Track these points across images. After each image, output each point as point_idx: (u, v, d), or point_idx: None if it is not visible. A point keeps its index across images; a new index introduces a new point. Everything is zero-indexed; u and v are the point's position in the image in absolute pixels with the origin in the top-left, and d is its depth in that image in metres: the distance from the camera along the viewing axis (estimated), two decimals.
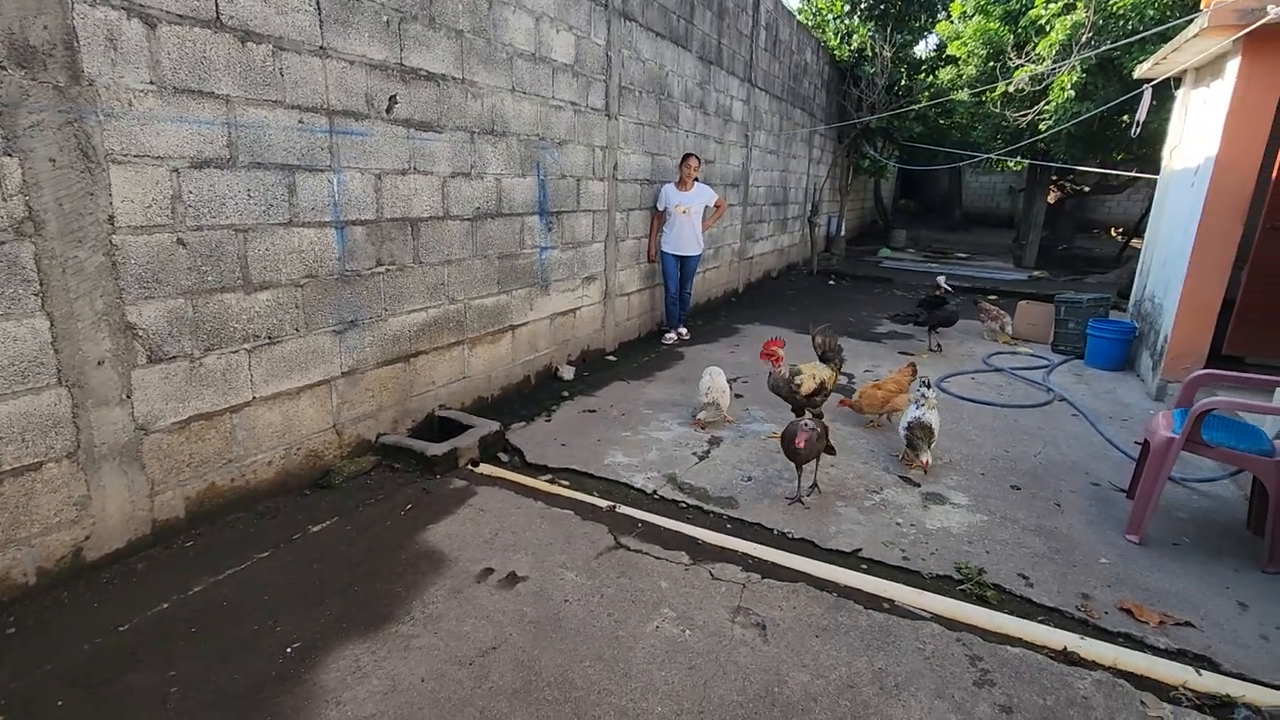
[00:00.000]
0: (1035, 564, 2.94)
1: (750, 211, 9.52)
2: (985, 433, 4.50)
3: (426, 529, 3.04)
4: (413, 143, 3.70)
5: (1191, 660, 2.37)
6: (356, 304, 3.53)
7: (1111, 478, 3.84)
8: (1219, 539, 3.21)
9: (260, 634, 2.32)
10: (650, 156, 6.36)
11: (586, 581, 2.69)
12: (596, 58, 5.29)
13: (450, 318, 4.18)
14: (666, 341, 6.65)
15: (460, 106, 3.99)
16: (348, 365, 3.53)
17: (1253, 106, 4.78)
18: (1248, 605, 2.68)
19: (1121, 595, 2.72)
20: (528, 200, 4.72)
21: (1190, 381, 3.42)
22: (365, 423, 3.69)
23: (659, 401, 4.87)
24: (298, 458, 3.34)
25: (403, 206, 3.71)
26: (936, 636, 2.43)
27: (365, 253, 3.53)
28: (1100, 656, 2.36)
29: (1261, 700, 2.16)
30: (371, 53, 3.40)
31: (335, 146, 3.28)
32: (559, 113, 4.91)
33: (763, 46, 9.09)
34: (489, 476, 3.61)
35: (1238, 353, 5.28)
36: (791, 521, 3.24)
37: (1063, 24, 9.96)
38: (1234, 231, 5.00)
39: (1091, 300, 6.77)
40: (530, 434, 4.21)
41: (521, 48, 4.44)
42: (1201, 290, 5.13)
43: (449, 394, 4.25)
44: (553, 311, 5.20)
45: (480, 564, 2.79)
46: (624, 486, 3.57)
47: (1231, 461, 3.01)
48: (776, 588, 2.70)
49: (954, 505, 3.46)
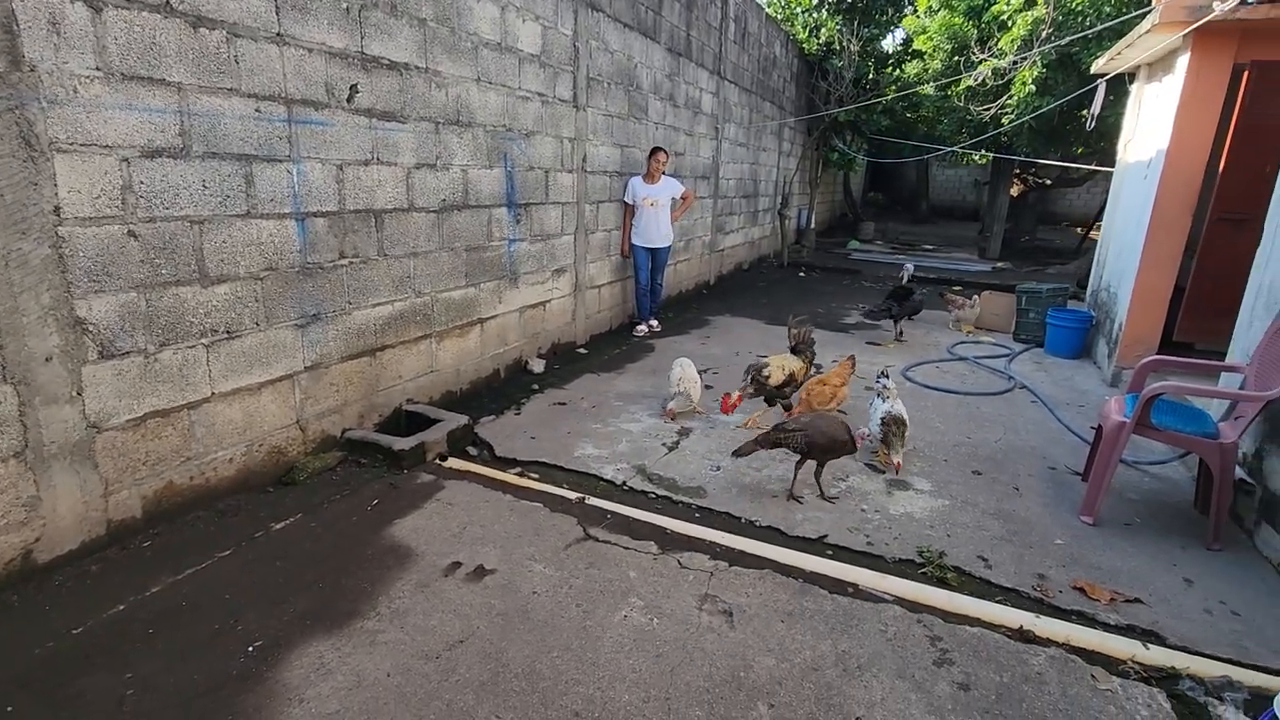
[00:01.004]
0: (994, 546, 3.02)
1: (721, 204, 9.56)
2: (948, 420, 4.59)
3: (393, 524, 3.02)
4: (375, 133, 3.64)
5: (1140, 635, 2.46)
6: (319, 297, 3.47)
7: (1068, 462, 3.96)
8: (1168, 519, 3.33)
9: (221, 633, 2.28)
10: (620, 149, 6.35)
11: (555, 573, 2.70)
12: (564, 48, 5.25)
13: (417, 311, 4.13)
14: (638, 334, 6.66)
15: (424, 96, 3.93)
16: (311, 359, 3.47)
17: (1201, 100, 4.93)
18: (1193, 581, 2.79)
19: (1075, 574, 2.81)
20: (495, 192, 4.68)
21: (1141, 367, 3.54)
22: (330, 418, 3.63)
23: (629, 393, 4.88)
24: (260, 454, 3.28)
25: (366, 198, 3.65)
26: (898, 619, 2.49)
27: (327, 245, 3.47)
28: (1054, 634, 2.44)
29: (1204, 672, 2.25)
30: (331, 40, 3.33)
31: (294, 136, 3.22)
32: (526, 104, 4.87)
33: (732, 39, 9.11)
34: (457, 470, 3.59)
35: (1188, 339, 5.46)
36: (759, 510, 3.27)
37: (1024, 20, 10.16)
38: (1184, 222, 5.17)
39: (1050, 290, 6.95)
40: (500, 427, 4.19)
41: (487, 37, 4.38)
42: (1153, 279, 5.30)
43: (417, 388, 4.20)
44: (522, 304, 5.17)
45: (448, 558, 2.77)
46: (594, 478, 3.57)
47: (1178, 444, 3.12)
48: (744, 575, 2.73)
49: (918, 491, 3.53)
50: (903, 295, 6.91)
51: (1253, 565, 2.93)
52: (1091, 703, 2.11)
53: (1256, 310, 3.44)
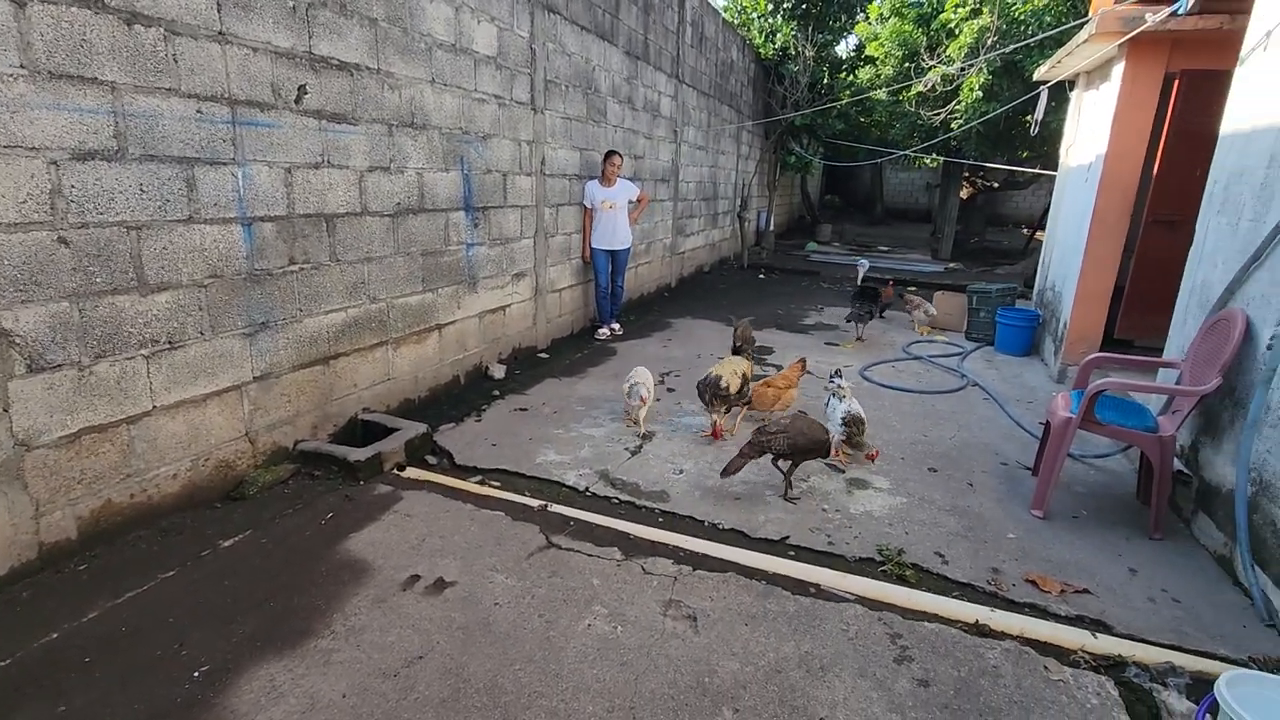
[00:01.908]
0: (950, 542, 3.09)
1: (681, 207, 9.60)
2: (905, 418, 4.69)
3: (349, 538, 2.93)
4: (325, 135, 3.54)
5: (1089, 625, 2.54)
6: (268, 305, 3.35)
7: (1018, 457, 4.08)
8: (1113, 510, 3.46)
9: (165, 659, 2.18)
10: (579, 151, 6.32)
11: (517, 583, 2.66)
12: (520, 50, 5.20)
13: (372, 317, 4.03)
14: (599, 337, 6.63)
15: (376, 98, 3.84)
16: (260, 369, 3.35)
17: (1136, 107, 5.15)
18: (1137, 570, 2.90)
19: (1028, 568, 2.89)
20: (452, 196, 4.60)
21: (1085, 364, 3.67)
22: (282, 429, 3.51)
23: (591, 398, 4.85)
24: (206, 469, 3.15)
25: (316, 202, 3.54)
26: (860, 617, 2.52)
27: (276, 250, 3.36)
28: (1009, 627, 2.50)
29: (1149, 659, 2.34)
30: (277, 40, 3.22)
31: (239, 138, 3.10)
32: (483, 106, 4.80)
33: (689, 43, 9.16)
34: (416, 480, 3.51)
35: (1127, 337, 5.69)
36: (722, 513, 3.28)
37: (970, 28, 10.48)
38: (1122, 224, 5.39)
39: (999, 290, 7.17)
40: (460, 435, 4.11)
41: (441, 38, 4.31)
42: (1095, 279, 5.52)
43: (373, 396, 4.10)
44: (481, 309, 5.10)
45: (406, 571, 2.70)
46: (556, 485, 3.54)
47: (1121, 438, 3.24)
48: (707, 579, 2.73)
49: (876, 489, 3.59)
50: (871, 295, 7.00)
51: (1191, 554, 3.06)
52: (1045, 693, 2.17)
53: (1190, 308, 3.60)
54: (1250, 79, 3.32)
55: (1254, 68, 3.28)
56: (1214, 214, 3.47)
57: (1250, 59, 3.32)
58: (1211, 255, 3.43)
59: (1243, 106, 3.36)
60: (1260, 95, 3.19)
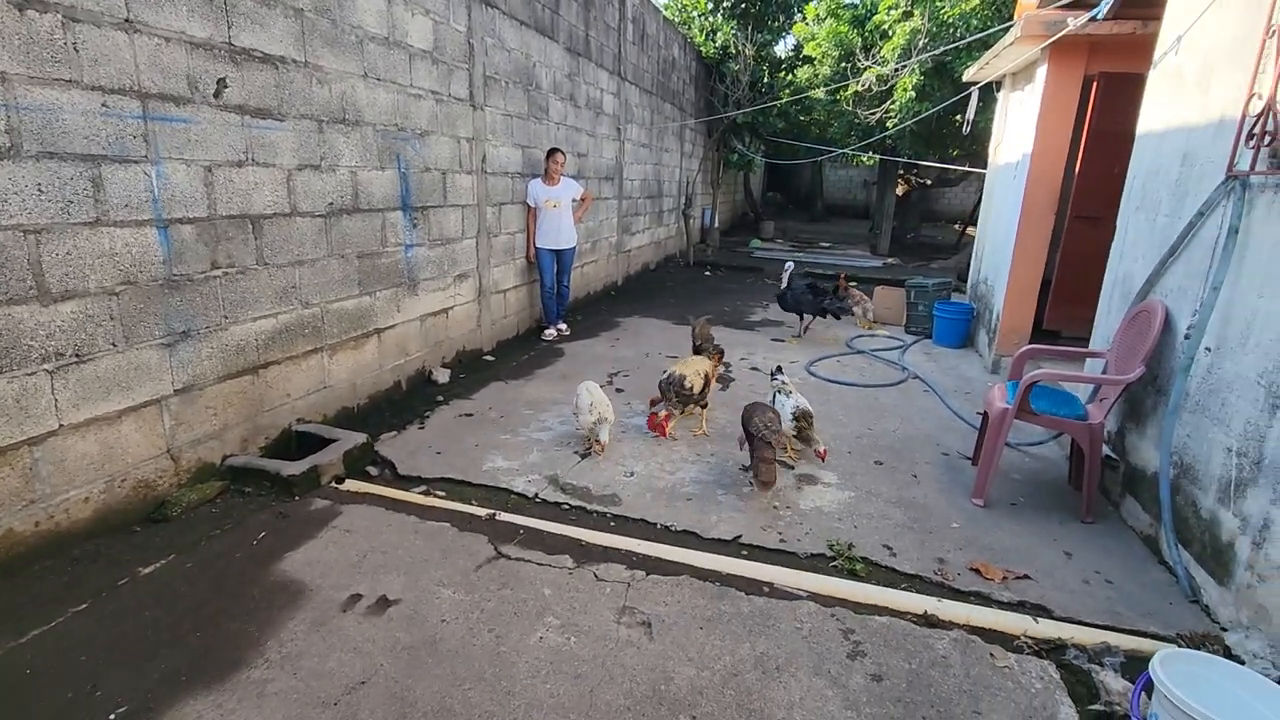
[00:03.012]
0: (898, 534, 3.14)
1: (626, 205, 9.56)
2: (850, 412, 4.77)
3: (284, 558, 2.77)
4: (249, 131, 3.34)
5: (1030, 610, 2.62)
6: (189, 312, 3.14)
7: (959, 447, 4.20)
8: (1048, 496, 3.59)
9: (75, 703, 2.00)
10: (521, 149, 6.19)
11: (465, 597, 2.56)
12: (458, 45, 5.05)
13: (305, 323, 3.84)
14: (546, 338, 6.53)
15: (304, 93, 3.65)
16: (182, 381, 3.14)
17: (1058, 108, 5.38)
18: (1072, 554, 3.02)
19: (971, 556, 2.97)
20: (389, 195, 4.43)
21: (1019, 356, 3.80)
22: (208, 444, 3.30)
23: (539, 401, 4.76)
24: (123, 490, 2.93)
25: (241, 202, 3.34)
26: (813, 615, 2.54)
27: (197, 254, 3.15)
28: (955, 616, 2.56)
29: (1086, 640, 2.43)
30: (192, 29, 3.02)
31: (152, 134, 2.89)
32: (419, 102, 4.64)
33: (631, 40, 9.12)
34: (356, 493, 3.36)
35: (1055, 328, 5.96)
36: (674, 514, 3.26)
37: (902, 30, 10.79)
38: (1048, 220, 5.63)
39: (936, 285, 7.40)
40: (402, 443, 3.96)
41: (373, 31, 4.13)
42: (1024, 273, 5.74)
43: (308, 406, 3.91)
44: (423, 312, 4.93)
45: (346, 590, 2.57)
46: (504, 492, 3.44)
47: (1054, 427, 3.37)
48: (661, 583, 2.70)
49: (825, 485, 3.63)
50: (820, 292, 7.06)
51: (1120, 535, 3.21)
52: (992, 680, 2.22)
53: (1114, 300, 3.77)
54: (1162, 82, 3.50)
55: (1166, 71, 3.46)
56: (1133, 210, 3.65)
57: (1162, 62, 3.50)
58: (1132, 249, 3.60)
59: (1156, 108, 3.54)
60: (1172, 98, 3.36)
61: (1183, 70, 3.28)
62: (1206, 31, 3.08)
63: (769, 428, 3.38)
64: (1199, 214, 2.93)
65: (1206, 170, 2.96)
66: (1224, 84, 2.88)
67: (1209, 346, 2.77)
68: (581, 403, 3.85)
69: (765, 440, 3.34)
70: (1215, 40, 3.00)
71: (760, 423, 3.40)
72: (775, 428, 3.41)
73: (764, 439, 3.34)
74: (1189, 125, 3.16)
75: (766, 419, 3.43)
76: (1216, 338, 2.73)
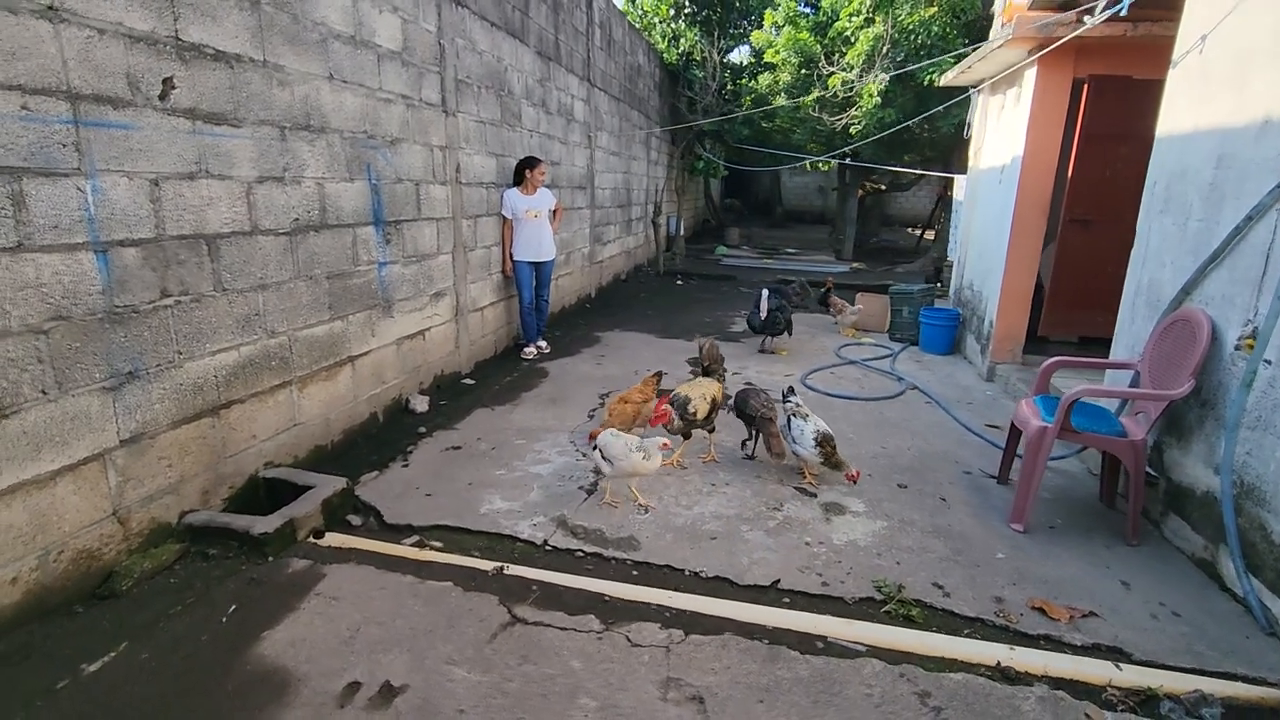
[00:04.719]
0: (944, 570, 2.90)
1: (598, 214, 9.24)
2: (859, 429, 4.55)
3: (261, 638, 2.35)
4: (201, 138, 2.91)
5: (1106, 653, 2.40)
6: (136, 349, 2.69)
7: (980, 464, 4.01)
8: (1082, 516, 3.42)
9: None
10: (495, 157, 5.82)
11: (482, 678, 2.20)
12: (428, 46, 4.66)
13: (271, 354, 3.40)
14: (526, 356, 6.15)
15: (264, 95, 3.24)
16: (129, 430, 2.68)
17: (1049, 111, 5.31)
18: (1129, 584, 2.83)
19: (1027, 592, 2.74)
20: (359, 209, 4.01)
21: (1045, 369, 3.63)
22: (162, 501, 2.85)
23: (531, 428, 4.39)
24: (60, 564, 2.46)
25: (194, 220, 2.91)
26: (880, 675, 2.26)
27: (144, 281, 2.71)
28: (1031, 666, 2.31)
29: (1177, 688, 2.21)
30: (132, 21, 2.59)
31: (85, 142, 2.45)
32: (389, 106, 4.24)
33: (598, 45, 8.83)
34: (340, 549, 2.94)
35: (1048, 334, 5.88)
36: (701, 558, 2.95)
37: (865, 36, 10.79)
38: (1041, 225, 5.55)
39: (921, 290, 7.31)
40: (386, 485, 3.55)
41: (337, 28, 3.73)
42: (1019, 279, 5.65)
43: (277, 448, 3.46)
44: (399, 335, 4.51)
45: (341, 678, 2.18)
46: (509, 539, 3.08)
47: (1096, 444, 3.19)
48: (704, 645, 2.39)
49: (854, 514, 3.38)
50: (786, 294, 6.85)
51: (1170, 558, 3.04)
52: None
53: (1138, 308, 3.63)
54: (1185, 82, 3.37)
55: (1189, 71, 3.34)
56: (1157, 214, 3.52)
57: (1184, 61, 3.38)
58: (1158, 255, 3.47)
59: (1179, 109, 3.41)
60: (1199, 98, 3.24)
61: (1209, 69, 3.16)
62: (1239, 28, 2.95)
63: (767, 406, 3.80)
64: (1247, 218, 2.78)
65: (1249, 172, 2.82)
66: (1267, 82, 2.75)
67: (1269, 359, 2.61)
68: (616, 450, 3.25)
69: (767, 418, 3.76)
70: (1252, 37, 2.87)
71: (757, 404, 3.81)
72: (771, 405, 3.82)
73: (765, 417, 3.76)
74: (1223, 126, 3.03)
75: (762, 400, 3.84)
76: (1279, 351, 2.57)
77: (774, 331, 6.62)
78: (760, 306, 6.45)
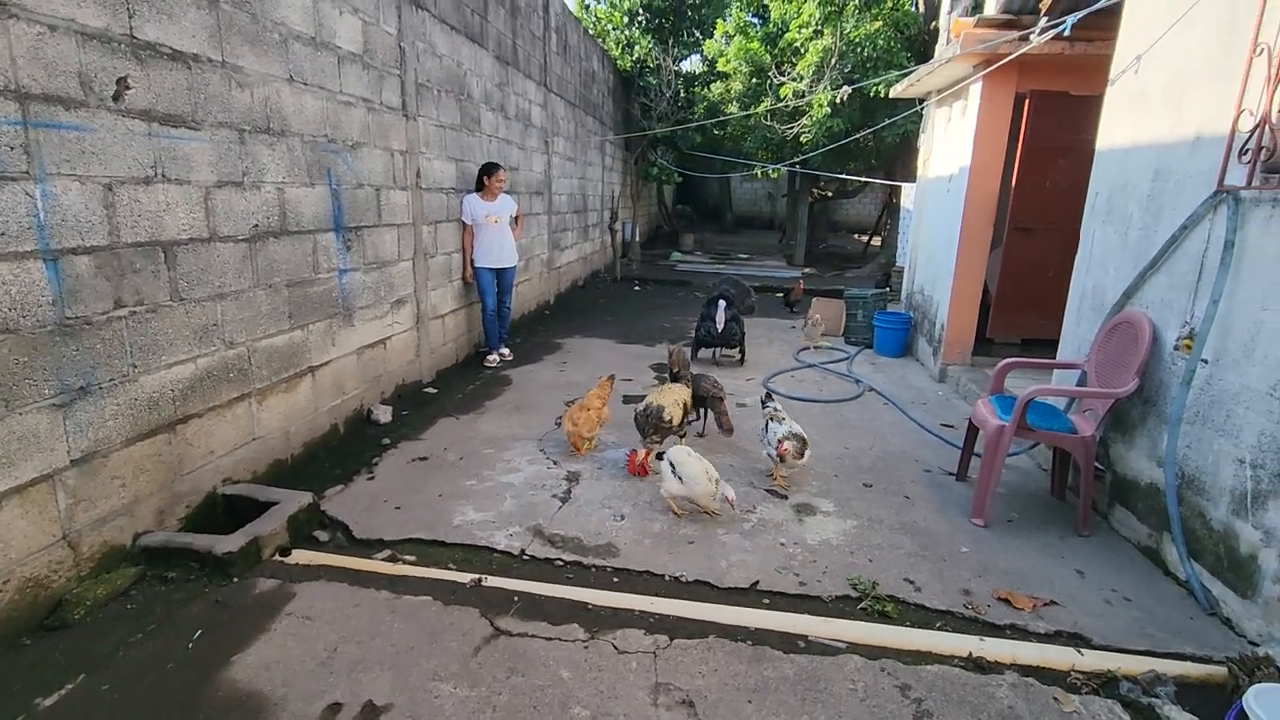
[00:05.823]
0: (913, 565, 3.00)
1: (555, 220, 9.21)
2: (822, 431, 4.66)
3: (231, 663, 2.26)
4: (157, 141, 2.79)
5: (1068, 640, 2.53)
6: (88, 362, 2.55)
7: (939, 463, 4.16)
8: (1036, 509, 3.59)
9: None
10: (455, 163, 5.74)
11: (470, 693, 2.17)
12: (389, 48, 4.57)
13: (230, 365, 3.27)
14: (489, 364, 6.08)
15: (223, 97, 3.12)
16: (81, 449, 2.54)
17: (994, 124, 5.57)
18: (1084, 573, 2.98)
19: (992, 584, 2.86)
20: (320, 214, 3.90)
21: (999, 369, 3.79)
22: (115, 523, 2.70)
23: (498, 437, 4.34)
24: (6, 594, 2.31)
25: (150, 226, 2.78)
26: (862, 671, 2.32)
27: (97, 291, 2.57)
28: (1001, 655, 2.42)
29: (1134, 669, 2.35)
30: (85, 17, 2.46)
31: (35, 144, 2.32)
32: (350, 110, 4.14)
33: (555, 51, 8.82)
34: (309, 567, 2.85)
35: (994, 336, 6.15)
36: (680, 562, 2.97)
37: (814, 48, 11.08)
38: (988, 233, 5.81)
39: (874, 295, 7.55)
40: (352, 499, 3.45)
41: (298, 29, 3.63)
42: (967, 284, 5.90)
43: (235, 463, 3.33)
44: (360, 344, 4.40)
45: (320, 700, 2.11)
46: (485, 551, 3.04)
47: (1051, 441, 3.36)
48: (689, 649, 2.41)
49: (824, 514, 3.46)
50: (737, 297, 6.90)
51: (1118, 547, 3.22)
52: None
53: (1083, 311, 3.84)
54: (1123, 99, 3.60)
55: (1126, 89, 3.56)
56: (1099, 224, 3.73)
57: (1121, 80, 3.60)
58: (1101, 262, 3.68)
59: (1118, 125, 3.64)
60: (1136, 115, 3.46)
61: (1146, 88, 3.38)
62: (1174, 50, 3.17)
63: (716, 386, 4.28)
64: (1182, 228, 2.99)
65: (1185, 185, 3.03)
66: (1200, 101, 2.96)
67: (1205, 359, 2.81)
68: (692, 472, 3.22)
69: (717, 397, 4.22)
70: (1186, 59, 3.08)
71: (707, 385, 4.25)
72: (719, 385, 4.30)
73: (715, 396, 4.21)
74: (1160, 142, 3.24)
75: (710, 381, 4.31)
76: (1215, 350, 2.77)
77: (730, 345, 6.43)
78: (716, 318, 6.23)
